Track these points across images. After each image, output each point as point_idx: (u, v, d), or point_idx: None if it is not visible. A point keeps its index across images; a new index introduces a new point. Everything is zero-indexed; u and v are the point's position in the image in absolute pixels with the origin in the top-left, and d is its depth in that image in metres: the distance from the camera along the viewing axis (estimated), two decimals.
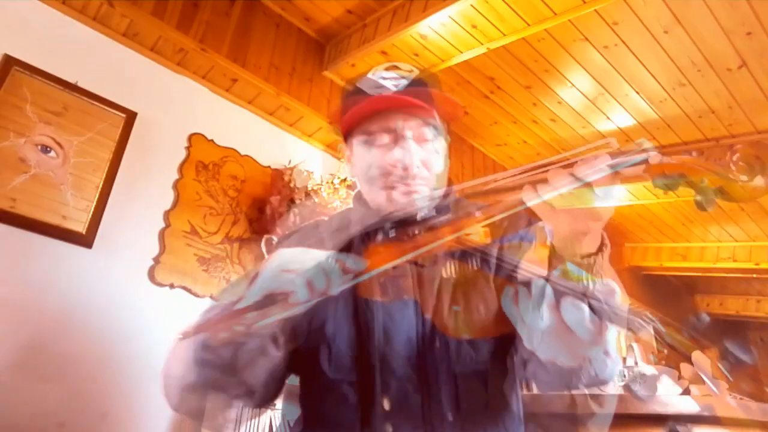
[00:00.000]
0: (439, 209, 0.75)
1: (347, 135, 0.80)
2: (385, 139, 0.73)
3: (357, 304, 0.74)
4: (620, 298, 0.56)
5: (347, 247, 0.74)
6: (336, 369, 0.72)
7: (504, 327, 0.67)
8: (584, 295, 0.54)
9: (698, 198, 0.53)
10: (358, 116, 0.75)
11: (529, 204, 0.55)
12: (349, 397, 0.71)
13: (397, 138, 0.72)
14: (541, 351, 0.58)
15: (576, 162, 0.55)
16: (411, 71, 0.78)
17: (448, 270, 0.75)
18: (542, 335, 0.56)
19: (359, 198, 0.86)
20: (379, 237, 0.72)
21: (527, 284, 0.59)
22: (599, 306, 0.53)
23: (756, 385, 5.75)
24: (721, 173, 0.51)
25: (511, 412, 0.77)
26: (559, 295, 0.54)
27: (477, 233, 0.70)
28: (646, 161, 0.53)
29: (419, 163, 0.73)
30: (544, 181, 0.54)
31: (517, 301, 0.59)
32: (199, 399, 0.66)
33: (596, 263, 0.59)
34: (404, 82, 0.75)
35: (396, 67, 0.79)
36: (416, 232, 0.58)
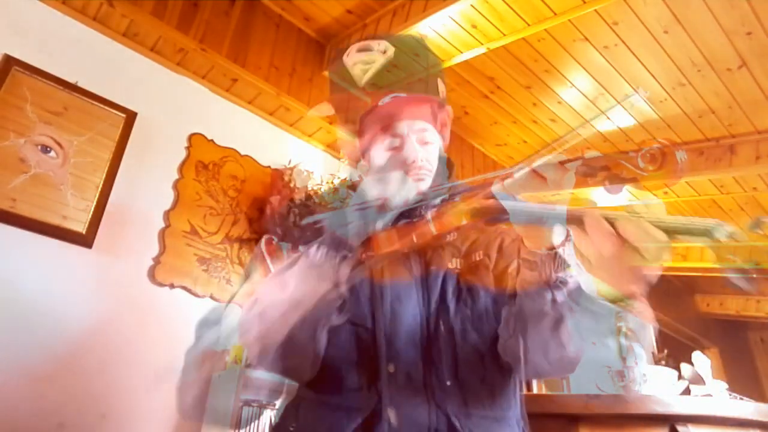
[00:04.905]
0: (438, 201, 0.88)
1: (368, 147, 0.98)
2: (396, 142, 0.93)
3: (368, 287, 0.85)
4: None
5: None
6: (352, 319, 0.82)
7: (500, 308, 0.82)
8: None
9: None
10: (375, 131, 0.95)
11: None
12: (357, 362, 0.80)
13: (404, 141, 0.92)
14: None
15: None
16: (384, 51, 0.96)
17: (452, 257, 0.88)
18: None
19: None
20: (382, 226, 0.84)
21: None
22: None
23: (756, 385, 5.75)
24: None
25: (508, 392, 0.85)
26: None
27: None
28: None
29: (422, 158, 0.91)
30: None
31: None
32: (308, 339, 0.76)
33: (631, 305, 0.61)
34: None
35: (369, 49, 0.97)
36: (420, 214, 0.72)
